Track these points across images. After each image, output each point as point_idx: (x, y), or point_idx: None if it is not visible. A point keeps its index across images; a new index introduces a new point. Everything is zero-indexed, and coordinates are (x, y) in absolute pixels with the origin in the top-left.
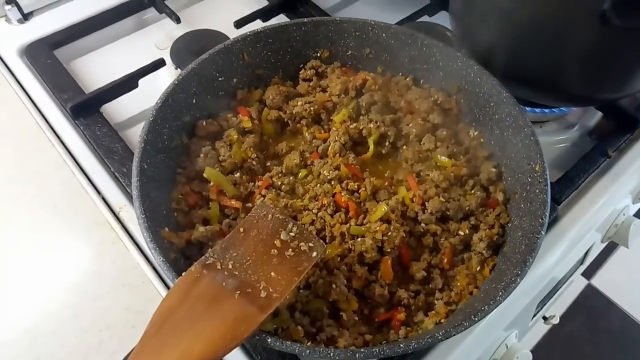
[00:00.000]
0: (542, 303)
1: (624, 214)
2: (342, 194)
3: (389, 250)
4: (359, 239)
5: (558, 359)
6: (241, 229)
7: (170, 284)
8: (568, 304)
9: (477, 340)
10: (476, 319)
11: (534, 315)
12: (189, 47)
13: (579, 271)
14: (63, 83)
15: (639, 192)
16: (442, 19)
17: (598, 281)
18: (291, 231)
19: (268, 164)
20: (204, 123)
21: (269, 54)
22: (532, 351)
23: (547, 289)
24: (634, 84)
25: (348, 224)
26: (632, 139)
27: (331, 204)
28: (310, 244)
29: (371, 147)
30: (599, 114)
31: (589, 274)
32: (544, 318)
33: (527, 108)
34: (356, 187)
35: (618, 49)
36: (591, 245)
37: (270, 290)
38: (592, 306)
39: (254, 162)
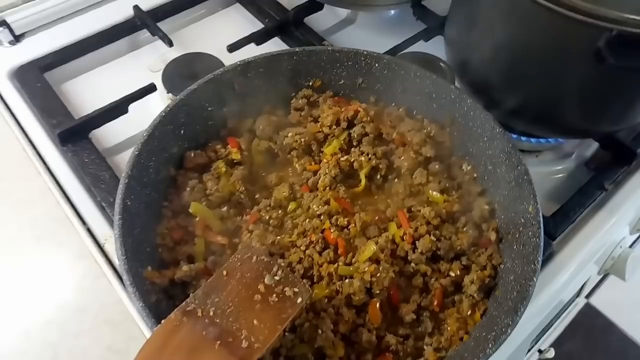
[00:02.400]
0: (538, 337)
1: (620, 246)
2: (332, 230)
3: (378, 292)
4: (347, 280)
5: None
6: (224, 272)
7: (150, 327)
8: (566, 323)
9: None
10: None
11: (529, 350)
12: (181, 71)
13: (575, 303)
14: (52, 107)
15: (637, 224)
16: (438, 43)
17: (597, 300)
18: (276, 275)
19: (257, 195)
20: (192, 154)
21: (260, 83)
22: None
23: (542, 325)
24: (630, 118)
25: (336, 264)
26: (629, 172)
27: (320, 240)
28: (296, 289)
29: (363, 180)
30: (596, 144)
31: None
32: (539, 351)
33: (522, 138)
34: (346, 222)
35: (614, 86)
36: (587, 279)
37: (252, 339)
38: (591, 326)
39: (242, 196)
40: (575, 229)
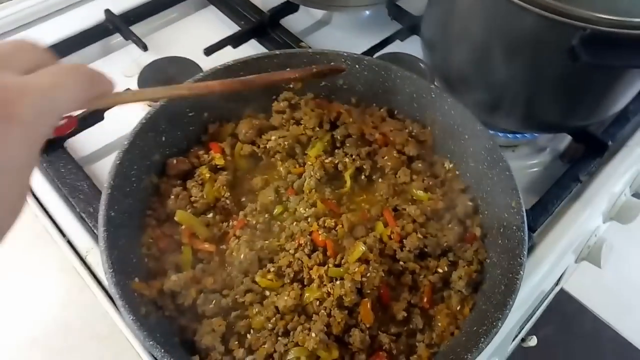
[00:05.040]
0: (521, 327)
1: (595, 235)
2: (320, 232)
3: (369, 291)
4: (338, 282)
5: None
6: None
7: (141, 341)
8: (541, 310)
9: None
10: None
11: (513, 339)
12: (157, 76)
13: (554, 291)
14: None
15: (609, 212)
16: (414, 43)
17: (569, 285)
18: None
19: (243, 199)
20: (175, 161)
21: None
22: (506, 358)
23: (526, 315)
24: (602, 111)
25: (326, 266)
26: (602, 162)
27: (308, 243)
28: None
29: (348, 181)
30: (569, 137)
31: None
32: (522, 340)
33: (499, 133)
34: (333, 224)
35: (586, 82)
36: (566, 268)
37: None
38: (564, 311)
39: (228, 201)
40: (553, 221)
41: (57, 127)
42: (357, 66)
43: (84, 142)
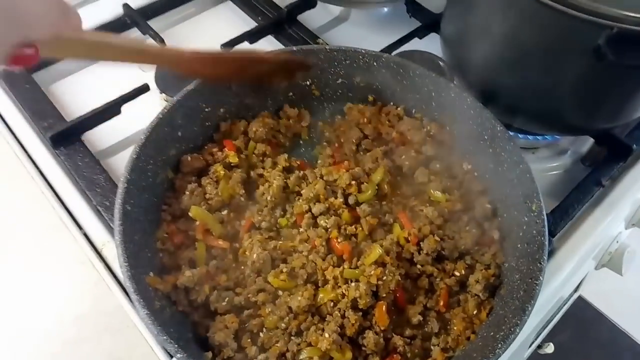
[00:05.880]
0: (538, 334)
1: (617, 241)
2: (339, 240)
3: (384, 294)
4: (353, 284)
5: None
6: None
7: (155, 335)
8: (559, 316)
9: None
10: None
11: (530, 346)
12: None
13: (573, 298)
14: (42, 110)
15: (632, 219)
16: (433, 41)
17: (587, 292)
18: None
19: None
20: (189, 158)
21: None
22: None
23: (543, 322)
24: (627, 114)
25: (341, 267)
26: (625, 167)
27: (323, 245)
28: None
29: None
30: (591, 140)
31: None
32: (539, 347)
33: (519, 135)
34: (354, 229)
35: (612, 83)
36: (586, 274)
37: None
38: (581, 317)
39: (242, 199)
40: (573, 226)
41: (20, 56)
42: (374, 64)
43: (101, 136)
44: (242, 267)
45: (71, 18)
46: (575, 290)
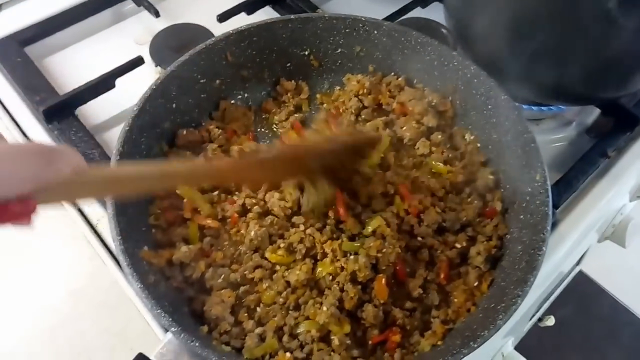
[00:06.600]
0: (539, 306)
1: (621, 214)
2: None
3: (384, 267)
4: (352, 257)
5: (549, 346)
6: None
7: (149, 309)
8: (559, 290)
9: (475, 353)
10: (476, 345)
11: (530, 319)
12: (169, 43)
13: (574, 272)
14: (35, 84)
15: (637, 191)
16: (436, 10)
17: (588, 267)
18: None
19: None
20: (184, 132)
21: (253, 53)
22: (522, 339)
23: (545, 294)
24: (636, 83)
25: (340, 240)
26: (632, 138)
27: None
28: None
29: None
30: (597, 111)
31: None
32: (539, 320)
33: (524, 106)
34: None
35: (622, 48)
36: (588, 247)
37: None
38: (582, 292)
39: None
40: (577, 197)
41: (11, 213)
42: (375, 32)
43: (96, 110)
44: (238, 245)
45: (60, 162)
46: (577, 263)
